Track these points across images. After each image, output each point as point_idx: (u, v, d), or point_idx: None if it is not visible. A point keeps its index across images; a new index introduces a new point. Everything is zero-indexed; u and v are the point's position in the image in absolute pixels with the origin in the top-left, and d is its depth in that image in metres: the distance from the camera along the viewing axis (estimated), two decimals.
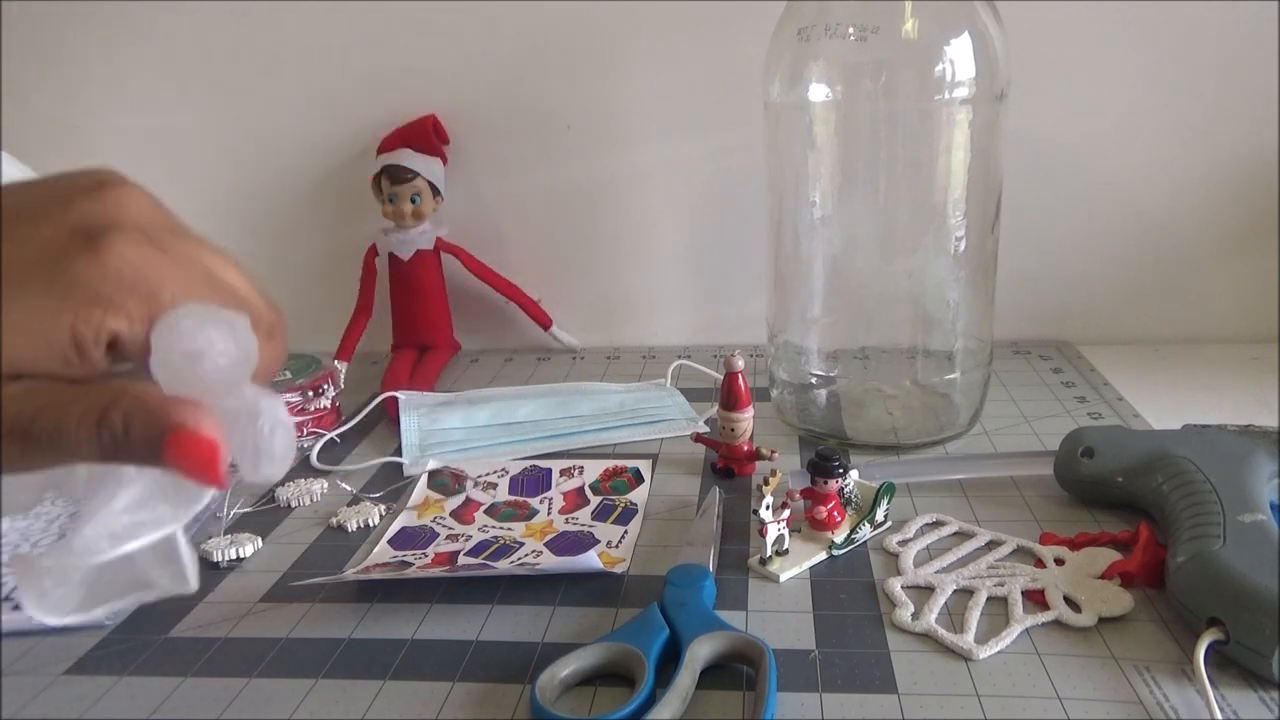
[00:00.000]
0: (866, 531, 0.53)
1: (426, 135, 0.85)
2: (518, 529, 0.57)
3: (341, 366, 0.76)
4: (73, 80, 0.90)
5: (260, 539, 0.57)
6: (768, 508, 0.50)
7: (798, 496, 0.52)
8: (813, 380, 0.69)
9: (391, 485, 0.64)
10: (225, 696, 0.43)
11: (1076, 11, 0.79)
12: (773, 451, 0.62)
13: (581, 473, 0.64)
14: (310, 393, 0.70)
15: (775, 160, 0.67)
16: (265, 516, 0.60)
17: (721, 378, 0.62)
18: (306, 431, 0.70)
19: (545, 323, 0.90)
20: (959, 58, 0.59)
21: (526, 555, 0.54)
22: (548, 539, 0.56)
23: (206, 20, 0.87)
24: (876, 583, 0.49)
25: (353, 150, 0.90)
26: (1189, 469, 0.50)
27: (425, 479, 0.64)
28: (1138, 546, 0.49)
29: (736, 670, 0.43)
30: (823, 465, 0.52)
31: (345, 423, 0.73)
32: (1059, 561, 0.50)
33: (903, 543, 0.53)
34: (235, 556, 0.55)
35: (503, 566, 0.51)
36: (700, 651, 0.42)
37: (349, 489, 0.64)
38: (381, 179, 0.84)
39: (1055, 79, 0.80)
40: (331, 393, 0.72)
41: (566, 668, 0.42)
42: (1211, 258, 0.84)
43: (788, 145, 0.65)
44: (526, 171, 0.89)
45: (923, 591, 0.48)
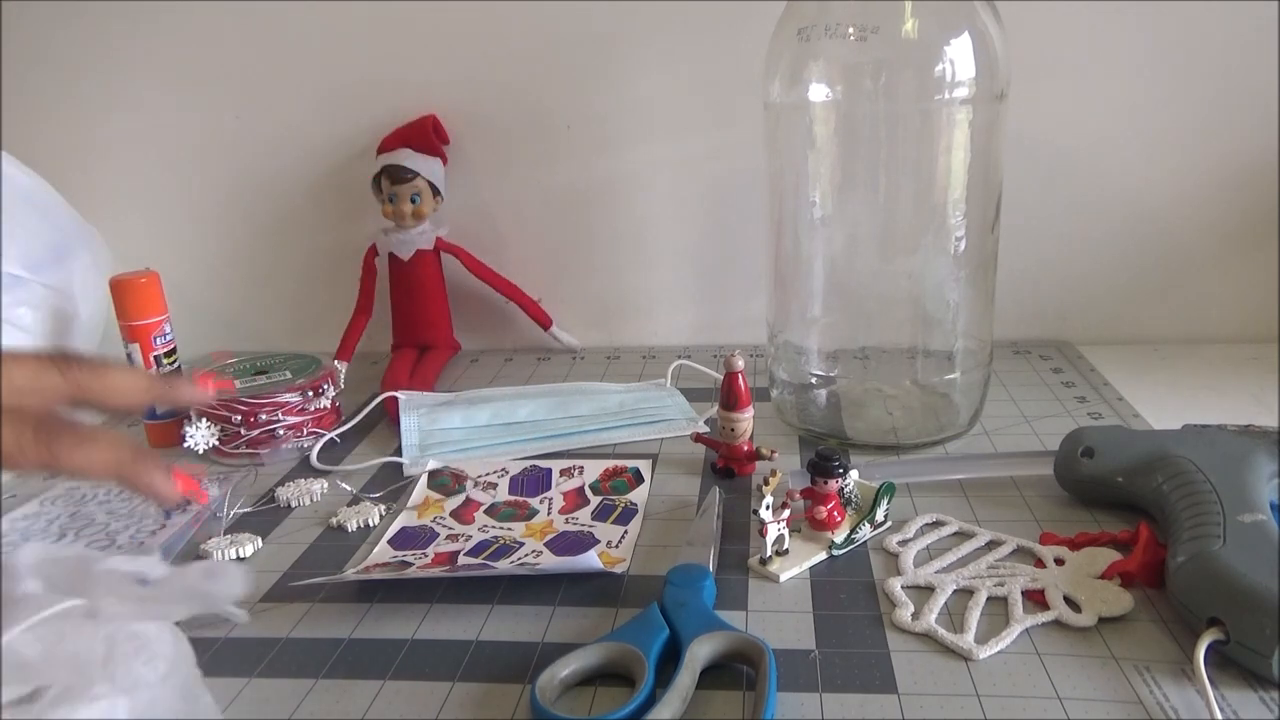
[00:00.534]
0: (866, 531, 0.53)
1: (426, 135, 0.85)
2: (518, 529, 0.57)
3: (341, 366, 0.76)
4: (73, 80, 0.91)
5: (260, 539, 0.57)
6: (768, 508, 0.50)
7: (798, 496, 0.52)
8: (813, 380, 0.69)
9: (391, 485, 0.64)
10: (225, 696, 0.43)
11: (1076, 11, 0.79)
12: (773, 451, 0.62)
13: (581, 473, 0.64)
14: (310, 393, 0.70)
15: (775, 160, 0.67)
16: (265, 516, 0.60)
17: (721, 378, 0.62)
18: (306, 431, 0.70)
19: (545, 323, 0.90)
20: (959, 58, 0.59)
21: (526, 555, 0.54)
22: (548, 539, 0.56)
23: (207, 20, 0.87)
24: (876, 583, 0.49)
25: (353, 150, 0.90)
26: (1189, 469, 0.50)
27: (425, 479, 0.64)
28: (1138, 546, 0.49)
29: (736, 670, 0.43)
30: (823, 465, 0.52)
31: (345, 423, 0.73)
32: (1059, 561, 0.50)
33: (903, 543, 0.53)
34: (235, 556, 0.55)
35: (503, 566, 0.51)
36: (700, 651, 0.42)
37: (349, 489, 0.64)
38: (381, 179, 0.84)
39: (1055, 79, 0.80)
40: (331, 393, 0.72)
41: (566, 668, 0.42)
42: (1211, 258, 0.84)
43: (788, 145, 0.65)
44: (526, 171, 0.89)
45: (923, 591, 0.48)
